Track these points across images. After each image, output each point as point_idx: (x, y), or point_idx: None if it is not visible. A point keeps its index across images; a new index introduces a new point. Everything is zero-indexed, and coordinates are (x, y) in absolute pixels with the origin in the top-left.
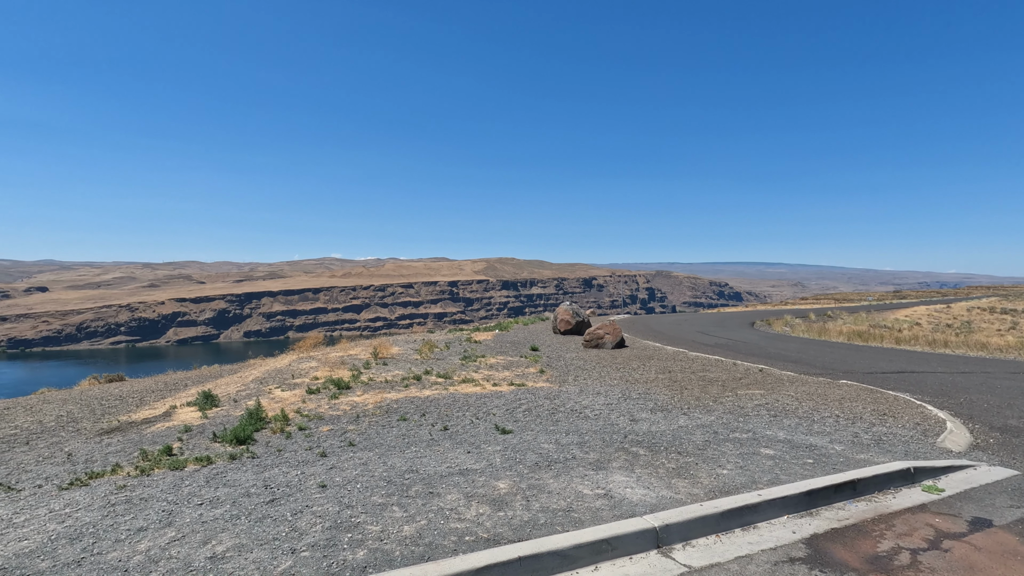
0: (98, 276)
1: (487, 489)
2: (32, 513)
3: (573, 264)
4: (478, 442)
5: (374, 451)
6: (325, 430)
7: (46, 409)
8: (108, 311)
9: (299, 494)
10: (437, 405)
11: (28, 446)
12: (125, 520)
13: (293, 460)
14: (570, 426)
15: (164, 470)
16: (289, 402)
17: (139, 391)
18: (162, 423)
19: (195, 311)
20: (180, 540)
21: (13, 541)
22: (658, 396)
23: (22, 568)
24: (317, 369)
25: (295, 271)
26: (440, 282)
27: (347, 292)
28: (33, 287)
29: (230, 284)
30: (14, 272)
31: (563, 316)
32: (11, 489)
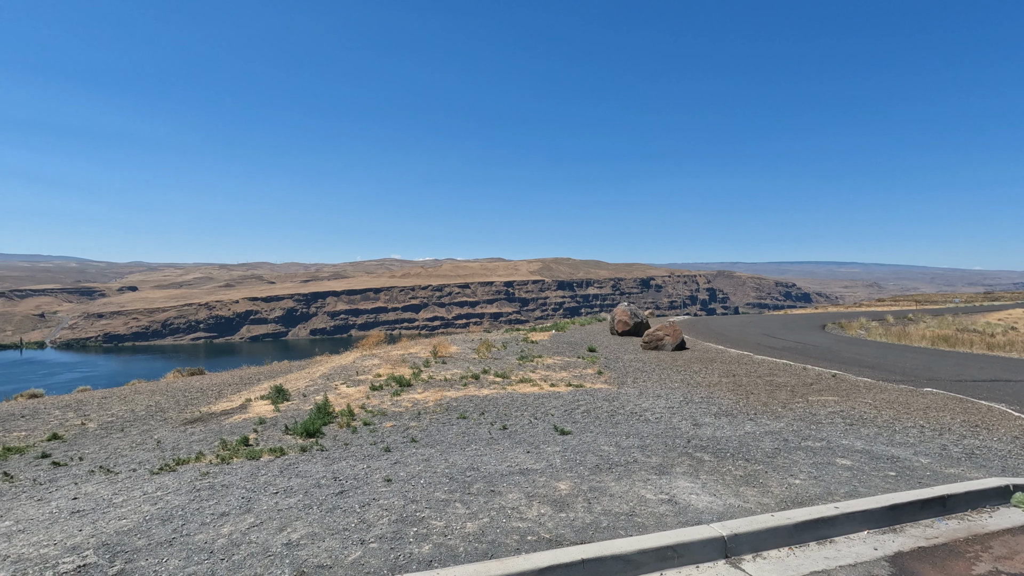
0: (180, 276)
1: (548, 490)
2: (129, 495)
3: (630, 264)
4: (537, 442)
5: (435, 448)
6: (388, 426)
7: (137, 399)
8: (189, 309)
9: (366, 487)
10: (495, 404)
11: (123, 433)
12: (209, 505)
13: (359, 454)
14: (630, 429)
15: (242, 459)
16: (354, 398)
17: (217, 384)
18: (239, 415)
19: (266, 309)
20: (258, 526)
21: (114, 520)
22: (722, 400)
23: (122, 544)
24: (379, 367)
25: (357, 271)
26: (496, 282)
27: (406, 292)
28: (125, 287)
29: (297, 284)
30: (109, 273)
31: (621, 317)
32: (110, 472)
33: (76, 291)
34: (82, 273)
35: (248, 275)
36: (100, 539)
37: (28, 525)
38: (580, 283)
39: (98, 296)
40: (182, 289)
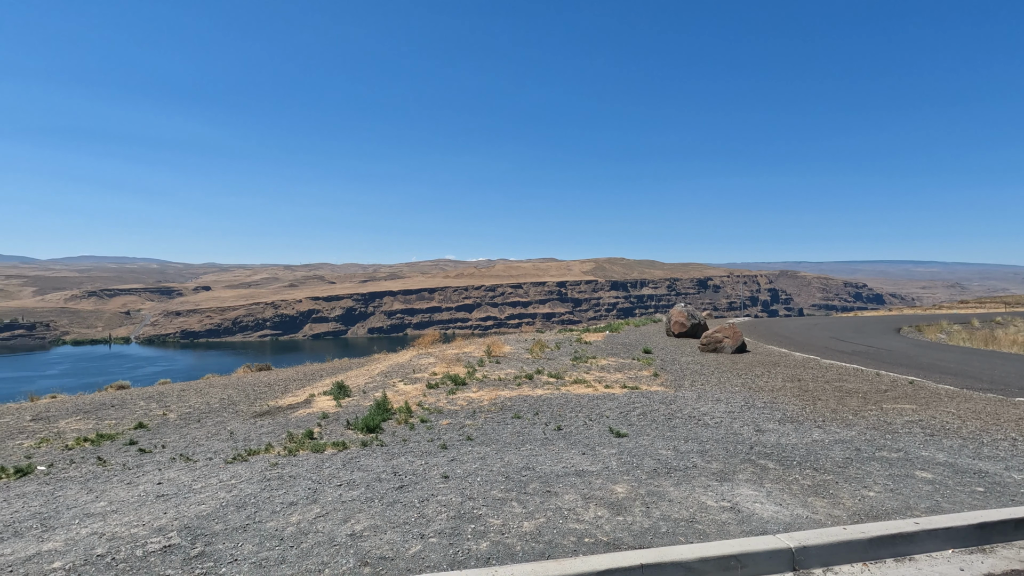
0: (249, 277)
1: (604, 492)
2: (206, 482)
3: (686, 264)
4: (592, 444)
5: (491, 446)
6: (445, 423)
7: (211, 392)
8: (257, 308)
9: (424, 483)
10: (550, 404)
11: (199, 423)
12: (279, 494)
13: (417, 450)
14: (688, 433)
15: (307, 452)
16: (411, 395)
17: (283, 380)
18: (304, 409)
19: (327, 309)
20: (324, 516)
21: (194, 504)
22: (786, 406)
23: (202, 528)
24: (435, 365)
25: (413, 272)
26: (548, 282)
27: (460, 292)
28: (200, 287)
29: (356, 284)
30: (185, 274)
31: (677, 318)
32: (189, 460)
33: (157, 290)
34: (162, 274)
35: (310, 275)
36: (182, 522)
37: (120, 506)
38: (634, 283)
39: (176, 295)
40: (250, 289)
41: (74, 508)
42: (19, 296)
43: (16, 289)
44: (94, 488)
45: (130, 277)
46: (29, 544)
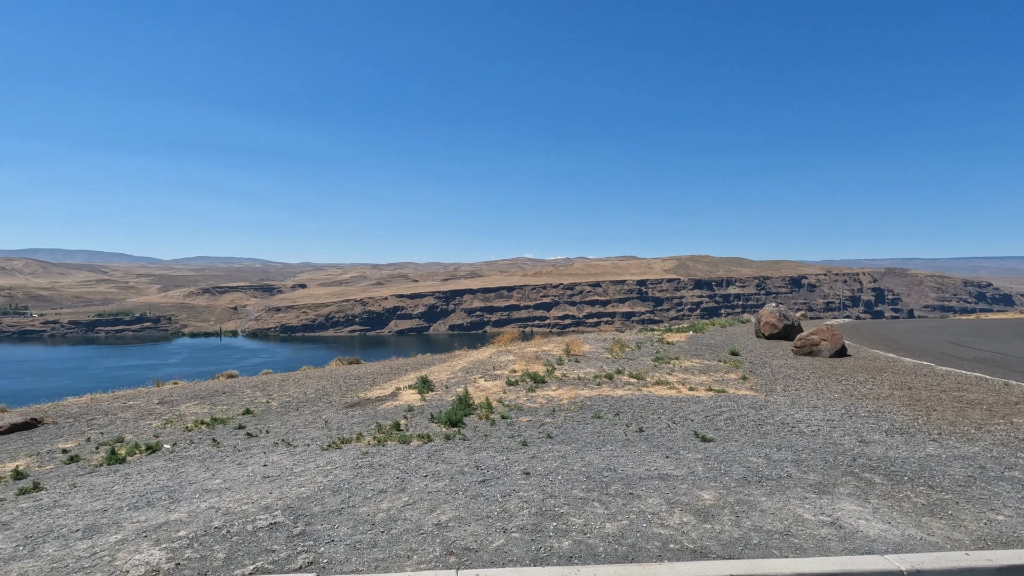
0: (340, 275)
1: (690, 498)
2: (305, 466)
3: (777, 261)
4: (676, 447)
5: (571, 445)
6: (525, 420)
7: (308, 383)
8: (347, 305)
9: (506, 478)
10: (631, 405)
11: (297, 412)
12: (370, 482)
13: (498, 446)
14: (781, 440)
15: (395, 443)
16: (492, 392)
17: (371, 373)
18: (391, 402)
19: (410, 306)
20: (412, 505)
21: (295, 487)
22: (895, 416)
23: (302, 509)
24: (514, 362)
25: (492, 270)
26: (628, 281)
27: (538, 290)
28: (297, 284)
29: (438, 282)
30: (284, 272)
31: (768, 319)
32: (290, 445)
33: (260, 288)
34: (265, 272)
35: (396, 274)
36: (286, 502)
37: (232, 484)
38: (719, 282)
39: (276, 292)
40: (341, 287)
41: (194, 484)
42: (147, 292)
43: (144, 286)
44: (210, 467)
45: (237, 276)
46: (159, 513)
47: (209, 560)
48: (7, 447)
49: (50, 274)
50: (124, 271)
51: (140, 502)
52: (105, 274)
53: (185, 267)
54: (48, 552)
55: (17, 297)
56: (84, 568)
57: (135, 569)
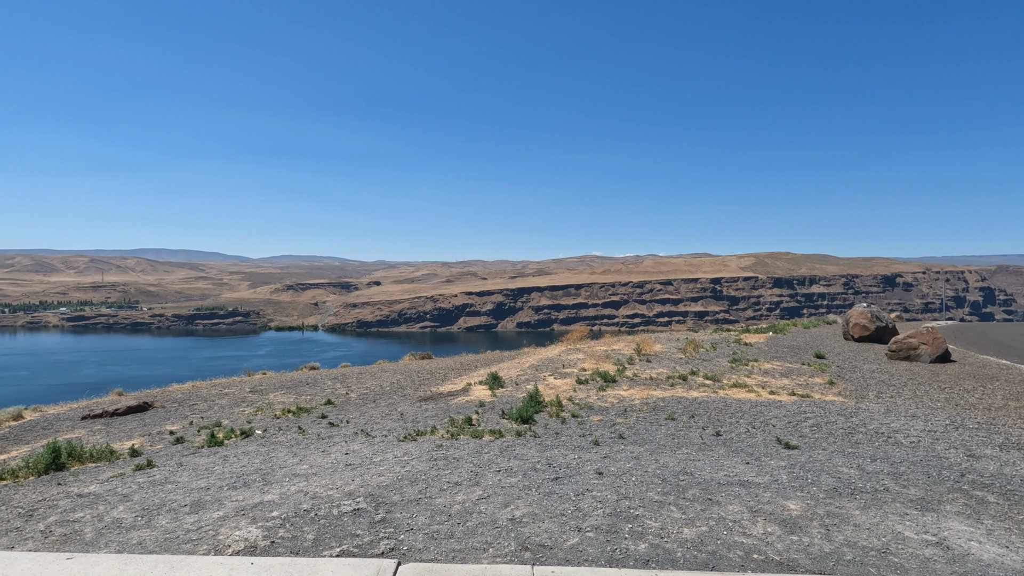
0: (412, 273)
1: (774, 507)
2: (384, 456)
3: (868, 258)
4: (757, 453)
5: (644, 447)
6: (596, 420)
7: (383, 376)
8: (418, 301)
9: (578, 477)
10: (706, 408)
11: (375, 404)
12: (444, 474)
13: (569, 444)
14: (876, 451)
15: (467, 437)
16: (561, 389)
17: (442, 368)
18: (462, 397)
19: (479, 303)
20: (486, 499)
21: (375, 475)
22: (1010, 430)
23: (383, 497)
24: (584, 361)
25: (559, 268)
26: (701, 279)
27: (606, 288)
28: (372, 282)
29: (506, 280)
30: (361, 270)
31: (858, 320)
32: (368, 435)
33: (339, 285)
34: (342, 270)
35: (465, 272)
36: (367, 490)
37: (318, 470)
38: (801, 280)
39: (353, 289)
40: (413, 284)
41: (284, 468)
42: (238, 289)
43: (236, 283)
44: (297, 452)
45: (318, 273)
46: (255, 494)
47: (300, 540)
48: (124, 427)
49: (157, 271)
50: (219, 269)
51: (238, 483)
52: (203, 272)
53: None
54: (161, 524)
55: (130, 292)
56: (192, 540)
57: (236, 544)
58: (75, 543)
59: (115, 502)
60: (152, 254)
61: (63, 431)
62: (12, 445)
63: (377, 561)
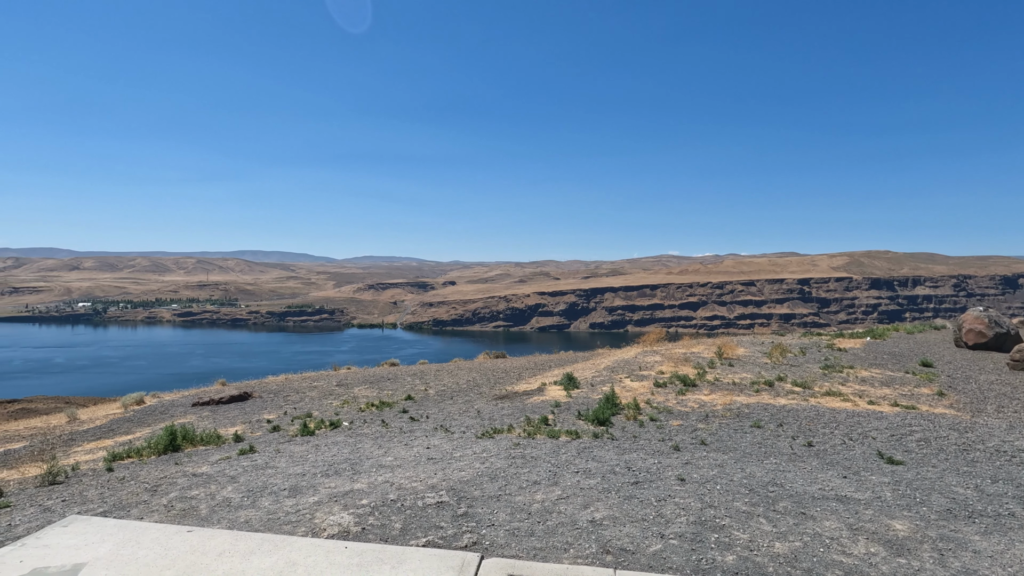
0: (485, 273)
1: (877, 526)
2: (463, 452)
3: (983, 257)
4: (856, 468)
5: (728, 454)
6: (675, 424)
7: (459, 374)
8: (492, 301)
9: (659, 482)
10: (796, 416)
11: (452, 400)
12: (523, 472)
13: (648, 448)
14: (997, 471)
15: (544, 437)
16: (639, 392)
17: (517, 368)
18: (537, 396)
19: (551, 303)
20: (565, 499)
21: (456, 470)
22: None
23: (464, 492)
24: (662, 364)
25: (634, 268)
26: (787, 280)
27: (683, 289)
28: (447, 282)
29: (579, 280)
30: (437, 270)
31: (972, 325)
32: (447, 431)
33: (416, 285)
34: (419, 270)
35: (537, 272)
36: (449, 484)
37: (402, 463)
38: (903, 281)
39: (429, 289)
40: (486, 284)
41: (371, 459)
42: (324, 288)
43: (323, 282)
44: (382, 445)
45: (396, 273)
46: (345, 482)
47: (388, 528)
48: (228, 414)
49: (253, 271)
50: (307, 269)
51: (329, 471)
52: (293, 272)
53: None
54: (264, 505)
55: (230, 291)
56: (292, 521)
57: (330, 528)
58: (192, 517)
59: (224, 483)
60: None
61: (177, 416)
62: (136, 427)
63: (462, 554)
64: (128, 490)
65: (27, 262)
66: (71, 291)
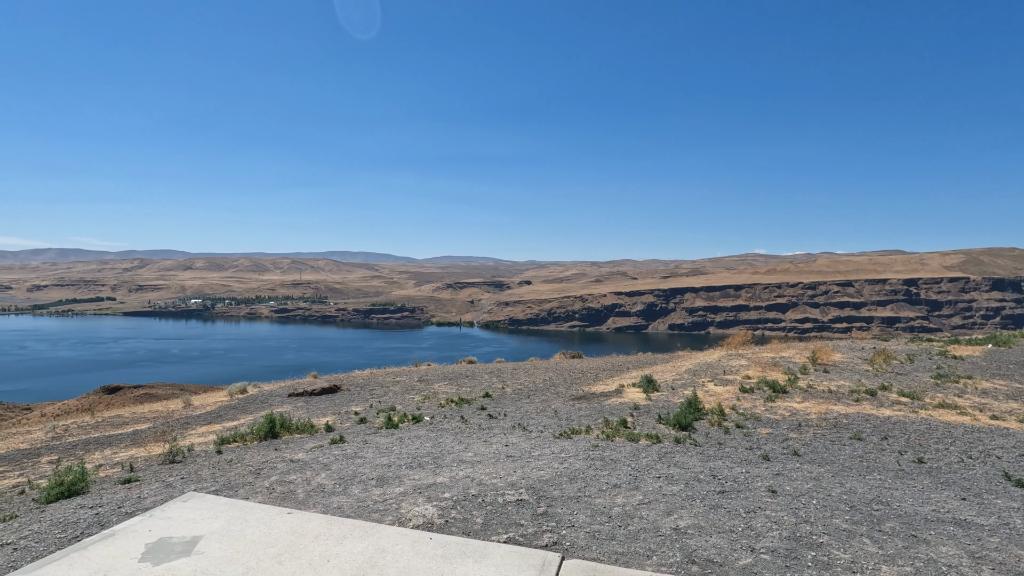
0: (561, 273)
1: (1005, 556)
2: (542, 451)
3: None
4: (977, 489)
5: (824, 467)
6: (764, 432)
7: (536, 373)
8: (567, 301)
9: (748, 492)
10: (903, 429)
11: (529, 399)
12: (603, 475)
13: (735, 456)
14: None
15: (623, 439)
16: (723, 397)
17: (593, 368)
18: (615, 398)
19: (628, 304)
20: (646, 505)
21: (535, 469)
22: None
23: (543, 491)
24: (748, 368)
25: (716, 268)
26: (891, 280)
27: (770, 289)
28: (523, 281)
29: (657, 280)
30: (512, 270)
31: None
32: (525, 429)
33: (492, 284)
34: (496, 270)
35: (614, 271)
36: (528, 482)
37: (482, 459)
38: None
39: (505, 288)
40: (562, 284)
41: (451, 454)
42: (405, 287)
43: (404, 281)
44: (462, 440)
45: (474, 273)
46: (428, 475)
47: (470, 523)
48: (319, 405)
49: (341, 271)
50: (390, 269)
51: (413, 463)
52: (377, 271)
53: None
54: (355, 492)
55: (320, 289)
56: (380, 510)
57: (415, 518)
58: (291, 500)
59: (318, 469)
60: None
61: (275, 405)
62: (240, 414)
63: (543, 553)
64: (235, 472)
65: (149, 263)
66: (185, 289)
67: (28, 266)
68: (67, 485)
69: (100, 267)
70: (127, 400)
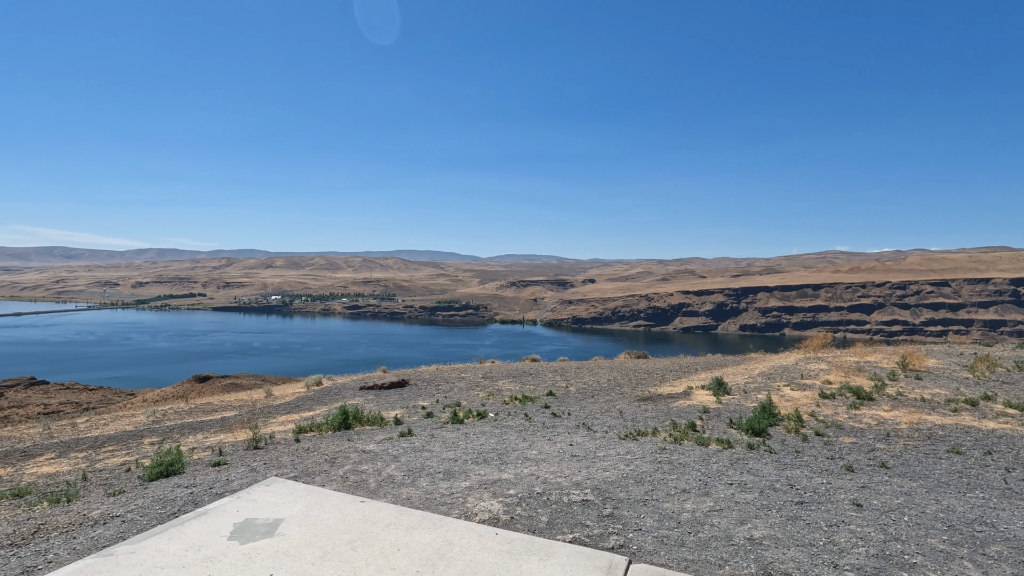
0: (626, 271)
1: None
2: (607, 452)
3: None
4: None
5: (917, 482)
6: (847, 442)
7: (600, 373)
8: (632, 300)
9: (830, 505)
10: (1011, 444)
11: (593, 399)
12: (671, 479)
13: (814, 466)
14: None
15: (692, 443)
16: (801, 403)
17: (660, 369)
18: (683, 400)
19: (696, 303)
20: (718, 512)
21: (600, 470)
22: None
23: (609, 492)
24: (828, 372)
25: (792, 266)
26: (995, 279)
27: (853, 289)
28: (587, 280)
29: (727, 279)
30: (576, 268)
31: None
32: (590, 429)
33: (555, 282)
34: (559, 268)
35: (681, 270)
36: (593, 483)
37: (546, 457)
38: None
39: (569, 287)
40: (627, 282)
41: (516, 451)
42: (469, 285)
43: (468, 279)
44: (526, 438)
45: (537, 271)
46: (493, 471)
47: (535, 520)
48: (388, 399)
49: (408, 269)
50: (455, 267)
51: (479, 459)
52: (443, 270)
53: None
54: (423, 485)
55: (389, 287)
56: (447, 503)
57: (481, 513)
58: (363, 490)
59: (388, 461)
60: (405, 254)
61: (347, 397)
62: (316, 405)
63: (609, 555)
64: (312, 460)
65: (235, 261)
66: (266, 286)
67: (132, 264)
68: (166, 466)
69: (192, 265)
70: (215, 389)
